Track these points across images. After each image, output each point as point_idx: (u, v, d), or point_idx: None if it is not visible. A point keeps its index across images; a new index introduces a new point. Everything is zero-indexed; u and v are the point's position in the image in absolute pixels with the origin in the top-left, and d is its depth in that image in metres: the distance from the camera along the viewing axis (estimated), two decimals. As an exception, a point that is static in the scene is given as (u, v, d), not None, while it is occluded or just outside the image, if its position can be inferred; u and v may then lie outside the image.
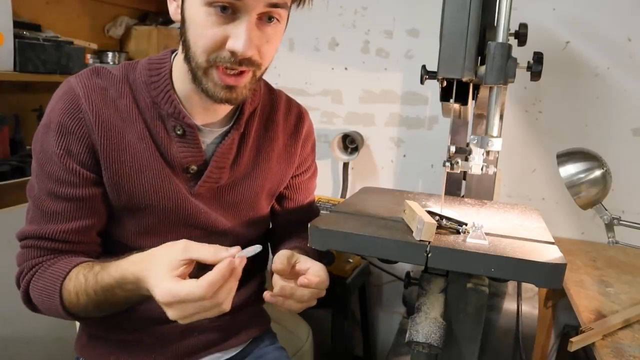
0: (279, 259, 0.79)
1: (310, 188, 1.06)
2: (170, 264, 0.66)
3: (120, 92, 0.80)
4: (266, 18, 0.73)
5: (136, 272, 0.70)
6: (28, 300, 0.82)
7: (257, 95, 0.92)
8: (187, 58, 0.76)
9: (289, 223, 1.03)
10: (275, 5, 0.72)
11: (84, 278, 0.75)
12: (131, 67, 0.83)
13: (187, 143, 0.83)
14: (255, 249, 0.72)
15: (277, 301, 0.78)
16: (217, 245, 0.69)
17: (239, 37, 0.71)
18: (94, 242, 0.84)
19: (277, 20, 0.75)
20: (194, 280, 0.64)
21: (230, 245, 0.92)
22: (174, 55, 0.85)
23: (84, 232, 0.81)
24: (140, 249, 0.84)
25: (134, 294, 0.73)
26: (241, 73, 0.75)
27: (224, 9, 0.70)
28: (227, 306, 0.67)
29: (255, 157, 0.92)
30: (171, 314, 0.66)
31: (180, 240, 0.69)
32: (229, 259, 0.66)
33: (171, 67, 0.83)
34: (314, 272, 0.79)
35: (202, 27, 0.72)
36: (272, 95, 0.96)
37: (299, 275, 0.80)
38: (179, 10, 0.75)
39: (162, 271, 0.66)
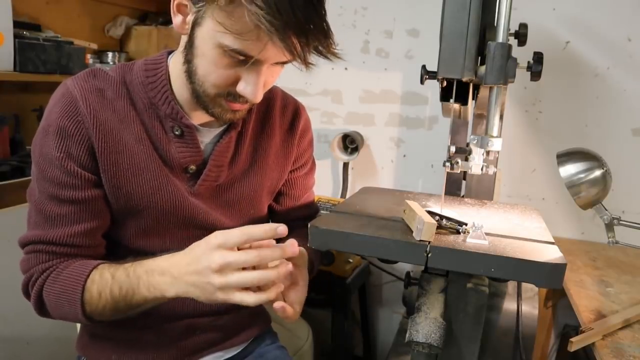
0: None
1: (308, 184, 1.06)
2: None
3: (117, 94, 0.80)
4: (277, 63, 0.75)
5: (166, 264, 0.73)
6: (40, 306, 0.81)
7: None
8: (191, 79, 0.76)
9: (287, 220, 1.03)
10: (287, 62, 0.74)
11: (111, 275, 0.76)
12: (128, 68, 0.83)
13: (185, 143, 0.83)
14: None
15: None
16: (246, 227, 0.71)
17: (250, 83, 0.73)
18: (100, 245, 0.84)
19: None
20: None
21: None
22: (170, 56, 0.84)
23: (90, 235, 0.81)
24: (141, 250, 0.84)
25: (153, 294, 0.74)
26: (247, 101, 0.77)
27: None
28: (271, 295, 0.71)
29: (253, 154, 0.92)
30: (217, 279, 0.67)
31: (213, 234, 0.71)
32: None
33: (168, 68, 0.83)
34: (295, 306, 0.79)
35: (215, 65, 0.72)
36: (268, 92, 0.96)
37: (290, 279, 0.81)
38: (187, 27, 0.74)
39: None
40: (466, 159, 0.90)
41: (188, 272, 0.70)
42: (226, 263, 0.67)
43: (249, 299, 0.69)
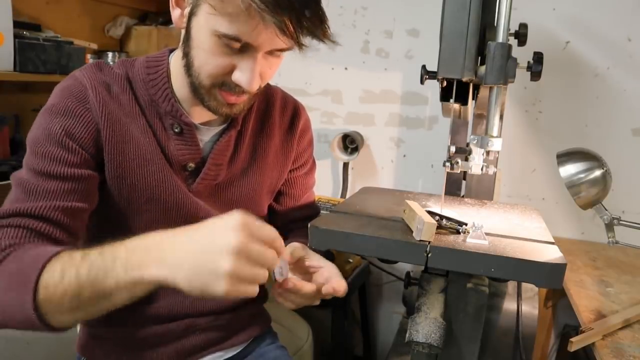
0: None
1: (308, 184, 1.06)
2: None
3: (122, 89, 0.81)
4: (272, 52, 0.75)
5: (157, 239, 0.62)
6: None
7: None
8: (189, 72, 0.77)
9: (287, 220, 1.03)
10: (282, 50, 0.74)
11: (82, 255, 0.63)
12: (129, 64, 0.84)
13: (184, 141, 0.83)
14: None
15: (282, 295, 0.77)
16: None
17: (245, 71, 0.73)
18: (79, 233, 0.75)
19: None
20: None
21: None
22: (171, 54, 0.85)
23: (72, 214, 0.73)
24: None
25: (130, 276, 0.60)
26: (242, 92, 0.77)
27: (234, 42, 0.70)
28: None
29: (252, 153, 0.92)
30: (227, 264, 0.57)
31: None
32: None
33: (169, 66, 0.83)
34: (336, 279, 0.79)
35: (210, 54, 0.72)
36: (268, 92, 0.96)
37: (307, 271, 0.81)
38: (184, 20, 0.75)
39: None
40: (466, 159, 0.90)
41: (190, 250, 0.59)
42: (247, 249, 0.58)
43: (253, 289, 0.60)
